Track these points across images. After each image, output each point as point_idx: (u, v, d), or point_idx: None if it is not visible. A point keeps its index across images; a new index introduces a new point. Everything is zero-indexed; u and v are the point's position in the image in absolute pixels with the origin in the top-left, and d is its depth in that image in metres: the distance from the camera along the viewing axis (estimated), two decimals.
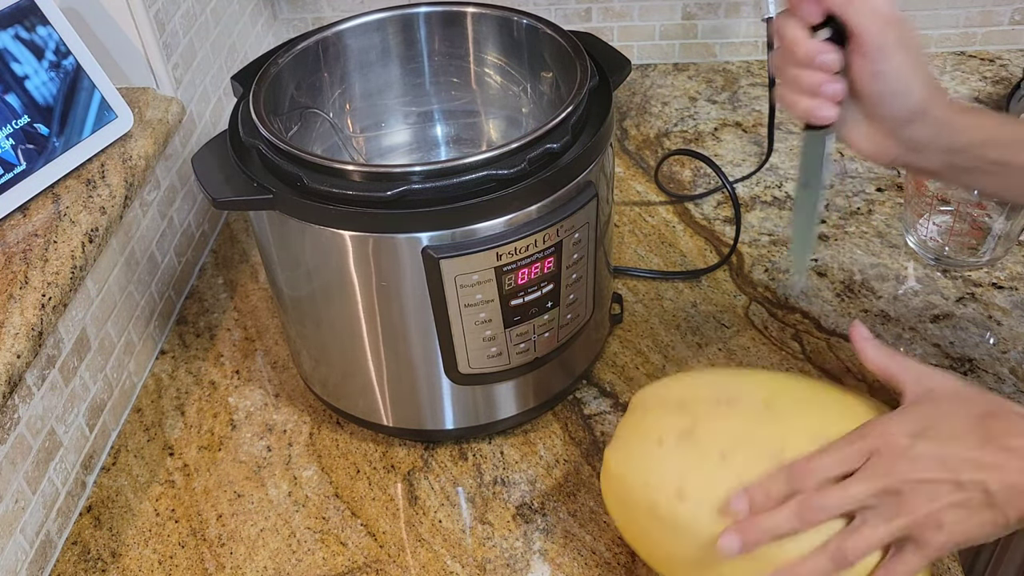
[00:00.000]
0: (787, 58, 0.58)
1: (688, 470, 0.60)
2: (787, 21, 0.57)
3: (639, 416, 0.66)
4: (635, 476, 0.63)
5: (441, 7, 0.85)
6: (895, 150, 0.59)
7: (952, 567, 0.70)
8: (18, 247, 0.76)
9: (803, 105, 0.58)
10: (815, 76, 0.57)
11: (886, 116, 0.58)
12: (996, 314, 0.89)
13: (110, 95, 0.86)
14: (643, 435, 0.64)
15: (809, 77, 0.57)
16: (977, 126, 0.59)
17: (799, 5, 0.56)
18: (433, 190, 0.66)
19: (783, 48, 0.58)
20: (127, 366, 0.89)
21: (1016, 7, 1.23)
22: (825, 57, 0.56)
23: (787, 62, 0.58)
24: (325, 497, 0.79)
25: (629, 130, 1.19)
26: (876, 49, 0.55)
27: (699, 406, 0.63)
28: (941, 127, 0.58)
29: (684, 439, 0.61)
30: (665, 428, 0.63)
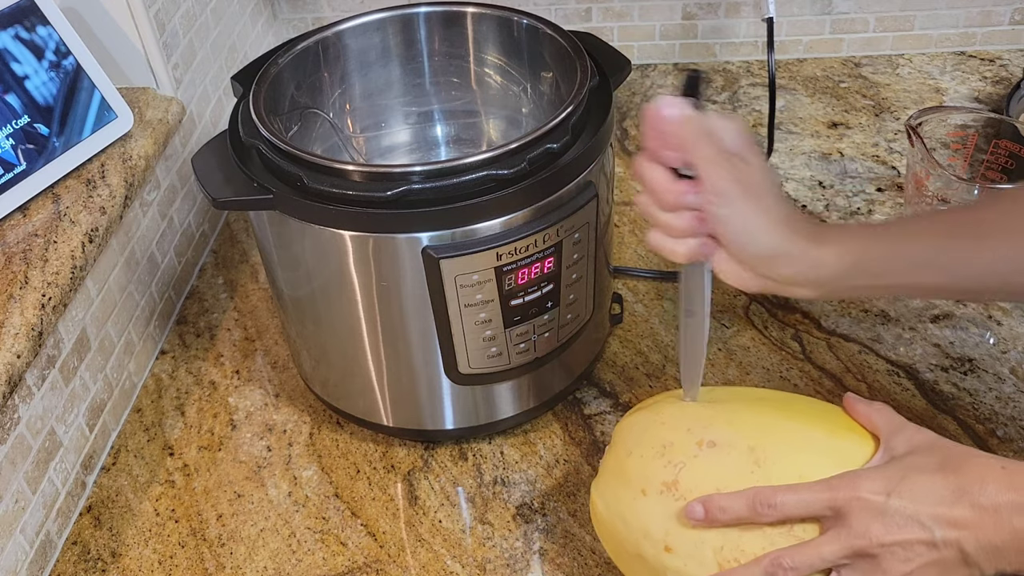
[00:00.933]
0: (657, 203, 0.58)
1: (672, 525, 0.60)
2: (650, 168, 0.58)
3: (622, 456, 0.64)
4: (621, 523, 0.63)
5: (441, 7, 0.85)
6: (759, 284, 0.59)
7: None
8: (18, 247, 0.76)
9: (682, 248, 0.59)
10: (686, 217, 0.57)
11: (740, 258, 0.58)
12: (996, 314, 0.89)
13: (110, 95, 0.87)
14: (626, 481, 0.63)
15: (680, 220, 0.58)
16: (841, 253, 0.58)
17: (658, 152, 0.57)
18: (433, 190, 0.66)
19: (651, 194, 0.58)
20: (127, 366, 0.89)
21: (1016, 7, 1.23)
22: (689, 198, 0.57)
23: (656, 207, 0.59)
24: (325, 497, 0.79)
25: (629, 130, 1.19)
26: (714, 192, 0.56)
27: (681, 452, 0.61)
28: (802, 264, 0.58)
29: (668, 491, 0.60)
30: (648, 477, 0.61)
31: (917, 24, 1.25)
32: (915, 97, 1.20)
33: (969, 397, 0.82)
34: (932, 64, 1.25)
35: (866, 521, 0.53)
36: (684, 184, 0.57)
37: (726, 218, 0.57)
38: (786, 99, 1.20)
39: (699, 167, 0.56)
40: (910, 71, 1.25)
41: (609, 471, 0.65)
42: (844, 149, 1.11)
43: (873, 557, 0.53)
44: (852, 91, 1.22)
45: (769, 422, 0.62)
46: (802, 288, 0.60)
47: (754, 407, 0.64)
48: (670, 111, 0.57)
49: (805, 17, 1.25)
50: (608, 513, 0.64)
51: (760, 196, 0.57)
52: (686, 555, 0.59)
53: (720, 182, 0.56)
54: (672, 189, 0.57)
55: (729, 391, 0.68)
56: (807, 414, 0.63)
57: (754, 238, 0.57)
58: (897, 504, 0.53)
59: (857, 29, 1.26)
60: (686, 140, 0.56)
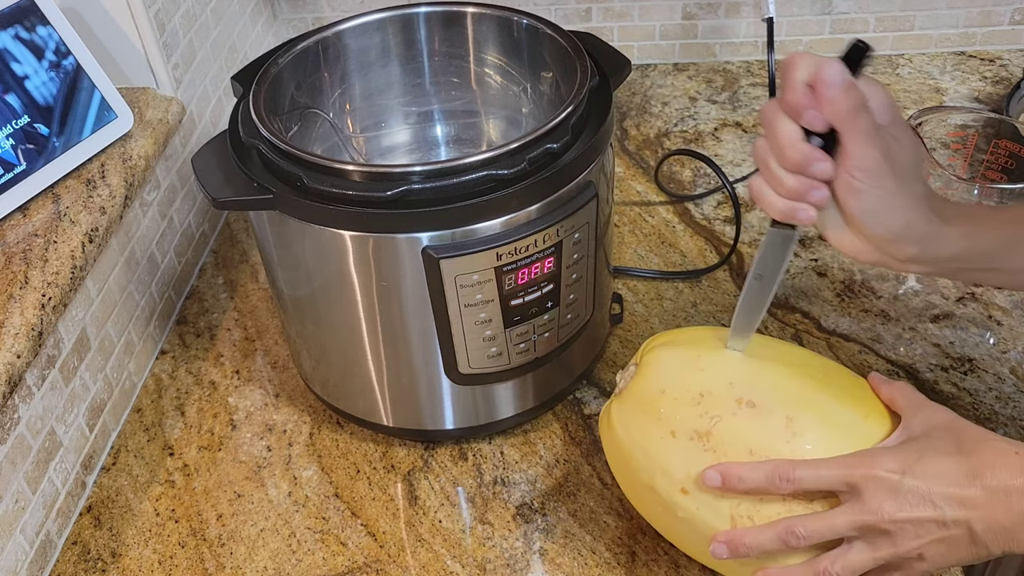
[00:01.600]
0: (776, 157, 0.55)
1: (695, 472, 0.60)
2: (782, 120, 0.54)
3: (655, 391, 0.63)
4: (641, 454, 0.63)
5: (441, 7, 0.85)
6: (873, 256, 0.58)
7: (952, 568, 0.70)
8: (18, 247, 0.76)
9: (782, 206, 0.56)
10: (802, 182, 0.55)
11: (867, 233, 0.57)
12: (996, 314, 0.89)
13: (110, 95, 0.86)
14: (656, 417, 0.63)
15: (795, 182, 0.55)
16: (964, 235, 0.58)
17: (801, 111, 0.53)
18: (433, 190, 0.66)
19: (774, 146, 0.55)
20: (127, 366, 0.89)
21: (1016, 7, 1.23)
22: (820, 166, 0.54)
23: (775, 160, 0.56)
24: (325, 497, 0.79)
25: (629, 130, 1.19)
26: (859, 168, 0.54)
27: (720, 405, 0.61)
28: (925, 243, 0.57)
29: (699, 440, 0.61)
30: (681, 421, 0.62)
31: (917, 24, 1.25)
32: (915, 97, 1.20)
33: (969, 397, 0.82)
34: (932, 64, 1.25)
35: (880, 498, 0.54)
36: (816, 150, 0.54)
37: (865, 196, 0.54)
38: None
39: (851, 140, 0.53)
40: (910, 71, 1.25)
41: (636, 400, 0.65)
42: None
43: (885, 532, 0.55)
44: None
45: (809, 394, 0.62)
46: (919, 266, 0.59)
47: (795, 373, 0.64)
48: (836, 76, 0.52)
49: (805, 17, 1.25)
50: (628, 441, 0.64)
51: (904, 175, 0.55)
52: (701, 501, 0.60)
53: (869, 160, 0.53)
54: (802, 150, 0.54)
55: (769, 346, 0.67)
56: (843, 388, 0.64)
57: (888, 218, 0.55)
58: (911, 483, 0.54)
59: (857, 29, 1.26)
60: (843, 110, 0.52)
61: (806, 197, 0.55)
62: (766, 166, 0.56)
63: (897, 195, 0.55)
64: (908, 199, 0.55)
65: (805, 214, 0.55)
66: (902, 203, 0.55)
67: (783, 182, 0.55)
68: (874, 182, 0.54)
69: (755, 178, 0.57)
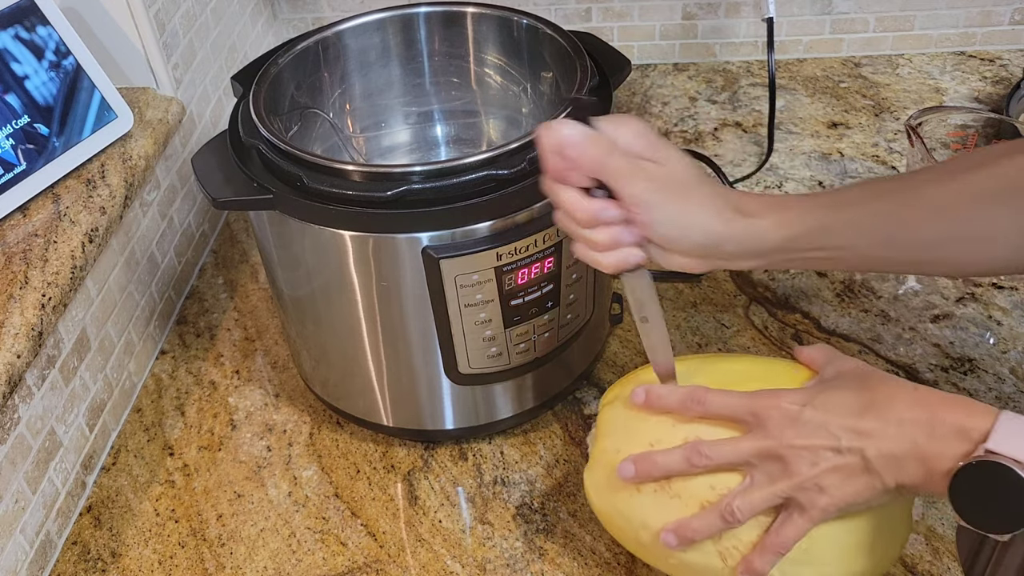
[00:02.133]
0: (573, 222, 0.58)
1: (669, 519, 0.61)
2: (559, 189, 0.58)
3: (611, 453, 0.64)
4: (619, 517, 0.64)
5: (441, 7, 0.85)
6: (704, 265, 0.60)
7: (952, 567, 0.70)
8: (18, 247, 0.76)
9: (610, 260, 0.59)
10: (608, 232, 0.58)
11: (680, 251, 0.59)
12: (996, 314, 0.89)
13: (110, 95, 0.87)
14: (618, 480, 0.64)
15: (603, 234, 0.58)
16: (781, 224, 0.59)
17: (565, 175, 0.57)
18: (433, 190, 0.66)
19: (565, 214, 0.58)
20: (127, 366, 0.89)
21: (1016, 7, 1.23)
22: (607, 213, 0.57)
23: (574, 226, 0.59)
24: (325, 497, 0.79)
25: None
26: (633, 204, 0.56)
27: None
28: (743, 240, 0.59)
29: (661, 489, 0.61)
30: None
31: (917, 24, 1.25)
32: (915, 97, 1.20)
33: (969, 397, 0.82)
34: (932, 64, 1.25)
35: (781, 426, 0.57)
36: (599, 201, 0.57)
37: (655, 223, 0.57)
38: (786, 99, 1.20)
39: (613, 183, 0.56)
40: (910, 71, 1.25)
41: (600, 465, 0.66)
42: (844, 149, 1.11)
43: (782, 459, 0.57)
44: (852, 91, 1.22)
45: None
46: (747, 261, 0.61)
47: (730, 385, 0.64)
48: (571, 136, 0.56)
49: (805, 17, 1.25)
50: (606, 507, 0.65)
51: (683, 192, 0.57)
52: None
53: (638, 192, 0.56)
54: (587, 208, 0.57)
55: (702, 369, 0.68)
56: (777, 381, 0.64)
57: (689, 233, 0.58)
58: (810, 414, 0.57)
59: (857, 29, 1.26)
60: (593, 160, 0.56)
61: (621, 241, 0.58)
62: (574, 233, 0.59)
63: (685, 213, 0.57)
64: (699, 212, 0.58)
65: (634, 258, 0.59)
66: (695, 218, 0.57)
67: (594, 239, 0.58)
68: (652, 210, 0.57)
69: (575, 247, 0.60)
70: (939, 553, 0.71)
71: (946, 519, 0.73)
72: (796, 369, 0.65)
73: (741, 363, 0.68)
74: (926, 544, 0.71)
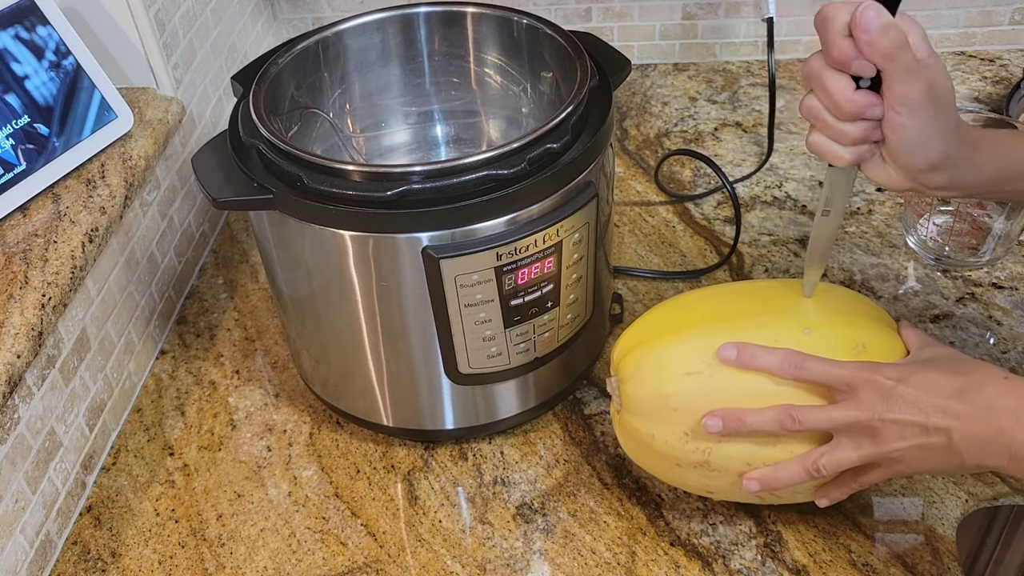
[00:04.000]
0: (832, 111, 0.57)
1: (712, 483, 0.68)
2: (830, 75, 0.56)
3: (645, 436, 0.68)
4: (660, 474, 0.70)
5: (441, 7, 0.85)
6: (906, 184, 0.60)
7: (952, 567, 0.70)
8: (18, 247, 0.76)
9: (850, 155, 0.59)
10: (862, 128, 0.57)
11: (905, 164, 0.58)
12: (996, 314, 0.89)
13: (110, 95, 0.86)
14: (658, 456, 0.68)
15: (857, 129, 0.57)
16: (995, 159, 0.61)
17: (850, 63, 0.55)
18: (433, 190, 0.66)
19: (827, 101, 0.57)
20: (127, 366, 0.89)
21: (1016, 7, 1.23)
22: (875, 110, 0.56)
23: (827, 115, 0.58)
24: (325, 497, 0.79)
25: (629, 130, 1.19)
26: (904, 103, 0.55)
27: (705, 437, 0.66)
28: (960, 170, 0.59)
29: (701, 467, 0.66)
30: (679, 458, 0.67)
31: None
32: None
33: None
34: None
35: (874, 399, 0.60)
36: (868, 94, 0.56)
37: (907, 129, 0.56)
38: (786, 99, 1.20)
39: (896, 78, 0.55)
40: None
41: (633, 439, 0.69)
42: None
43: (872, 430, 0.60)
44: None
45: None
46: (951, 192, 0.61)
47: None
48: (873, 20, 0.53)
49: (805, 17, 1.25)
50: (643, 463, 0.71)
51: (941, 106, 0.57)
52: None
53: (913, 94, 0.55)
54: (856, 99, 0.56)
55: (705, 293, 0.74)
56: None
57: (927, 149, 0.57)
58: (903, 390, 0.59)
59: None
60: (885, 50, 0.54)
61: (869, 138, 0.58)
62: (823, 122, 0.58)
63: (935, 126, 0.57)
64: (944, 129, 0.57)
65: (870, 153, 0.59)
66: (939, 134, 0.57)
67: (846, 132, 0.57)
68: (916, 115, 0.56)
69: (813, 135, 0.60)
70: (939, 553, 0.71)
71: (946, 519, 0.73)
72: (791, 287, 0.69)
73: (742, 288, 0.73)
74: (926, 544, 0.71)
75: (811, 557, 0.71)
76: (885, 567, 0.70)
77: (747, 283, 0.77)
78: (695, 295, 0.74)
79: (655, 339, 0.69)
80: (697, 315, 0.70)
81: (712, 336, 0.65)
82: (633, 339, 0.71)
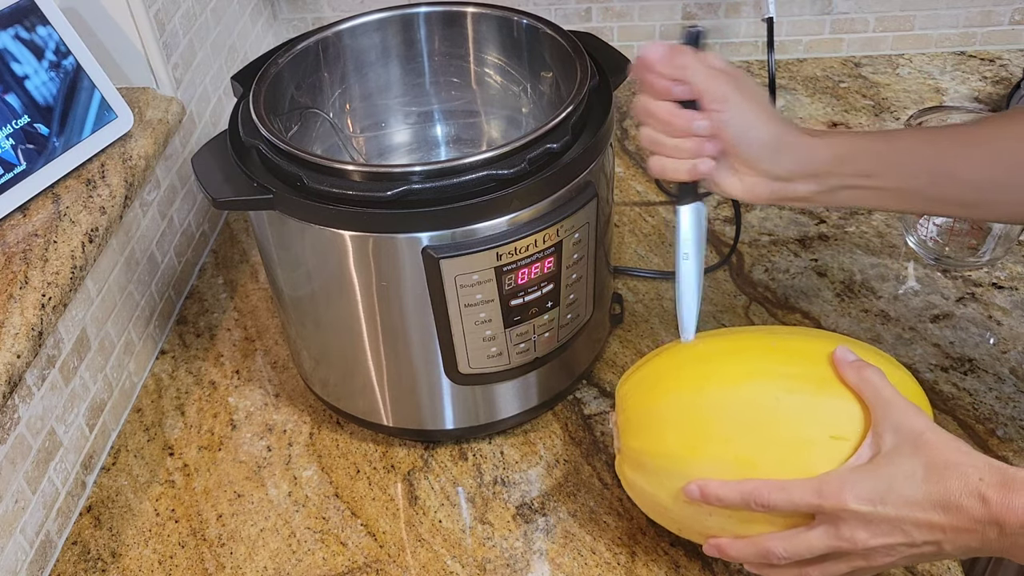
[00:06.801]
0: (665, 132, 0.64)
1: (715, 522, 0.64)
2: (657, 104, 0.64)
3: (641, 483, 0.66)
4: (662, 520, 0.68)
5: (441, 7, 0.85)
6: (765, 188, 0.65)
7: (952, 567, 0.70)
8: (18, 247, 0.76)
9: (687, 168, 0.64)
10: (694, 141, 0.64)
11: (746, 157, 0.64)
12: (996, 314, 0.89)
13: (110, 95, 0.86)
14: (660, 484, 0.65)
15: (690, 142, 0.64)
16: (832, 144, 0.65)
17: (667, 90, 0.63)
18: (433, 190, 0.66)
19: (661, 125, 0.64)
20: (127, 366, 0.89)
21: (1016, 7, 1.23)
22: (699, 123, 0.63)
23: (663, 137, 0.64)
24: (325, 497, 0.79)
25: (629, 130, 1.19)
26: (715, 100, 0.62)
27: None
28: (799, 153, 0.64)
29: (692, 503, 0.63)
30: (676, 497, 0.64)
31: (917, 24, 1.25)
32: (915, 97, 1.20)
33: (969, 397, 0.82)
34: (932, 64, 1.25)
35: (853, 527, 0.57)
36: (692, 111, 0.63)
37: (731, 120, 0.63)
38: (786, 99, 1.20)
39: (699, 81, 0.62)
40: (910, 71, 1.25)
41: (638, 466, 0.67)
42: None
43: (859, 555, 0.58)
44: (852, 91, 1.22)
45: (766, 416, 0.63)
46: (803, 183, 0.65)
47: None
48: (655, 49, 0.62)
49: (805, 17, 1.25)
50: (643, 504, 0.69)
51: (757, 98, 0.64)
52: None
53: (721, 89, 0.62)
54: (682, 115, 0.63)
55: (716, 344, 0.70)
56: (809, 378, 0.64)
57: (757, 130, 0.63)
58: (882, 512, 0.56)
59: (857, 29, 1.26)
60: (682, 65, 0.62)
61: (703, 151, 0.64)
62: (660, 144, 0.65)
63: (757, 112, 0.63)
64: (768, 115, 0.64)
65: (705, 165, 0.64)
66: (764, 117, 0.64)
67: (680, 147, 0.64)
68: (732, 107, 0.62)
69: (652, 159, 0.66)
70: None
71: None
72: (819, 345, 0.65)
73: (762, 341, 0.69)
74: None
75: None
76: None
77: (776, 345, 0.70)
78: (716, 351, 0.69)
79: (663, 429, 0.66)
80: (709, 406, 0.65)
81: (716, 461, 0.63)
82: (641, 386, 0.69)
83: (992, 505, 0.53)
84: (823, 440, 0.60)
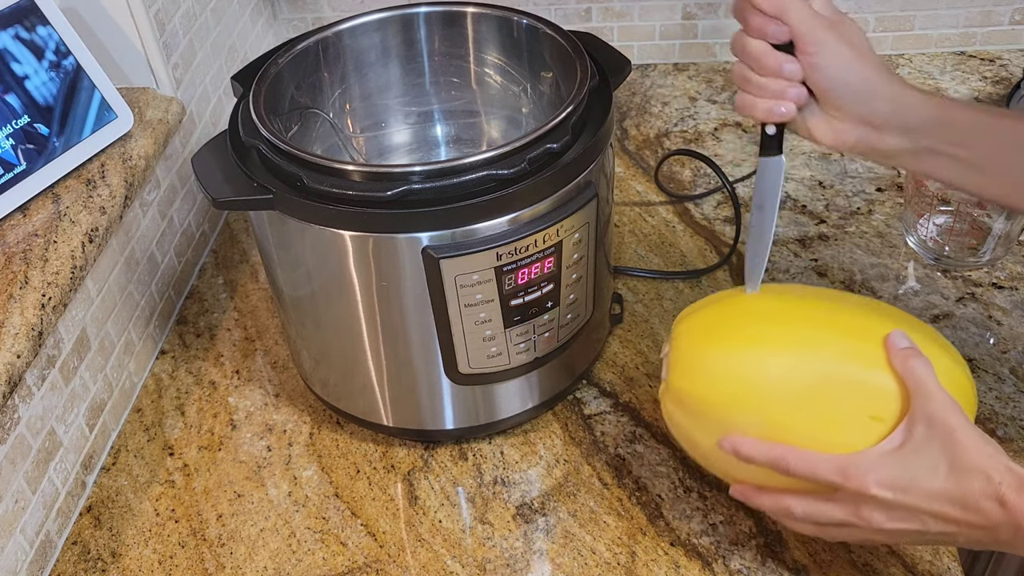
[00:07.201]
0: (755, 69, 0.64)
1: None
2: (751, 42, 0.63)
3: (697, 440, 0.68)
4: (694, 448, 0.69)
5: (441, 7, 0.85)
6: (854, 134, 0.63)
7: (952, 567, 0.70)
8: (18, 247, 0.76)
9: (764, 106, 0.64)
10: (779, 83, 0.63)
11: (840, 102, 0.63)
12: (996, 314, 0.89)
13: (110, 95, 0.86)
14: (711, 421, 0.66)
15: (775, 83, 0.63)
16: (935, 104, 0.63)
17: (764, 28, 0.62)
18: (433, 190, 0.66)
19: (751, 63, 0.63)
20: (127, 366, 0.89)
21: (1016, 7, 1.23)
22: (789, 66, 0.62)
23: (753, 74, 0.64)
24: (325, 497, 0.79)
25: (629, 130, 1.19)
26: (813, 44, 0.61)
27: None
28: (898, 103, 0.62)
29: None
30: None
31: (917, 24, 1.25)
32: None
33: None
34: (932, 64, 1.25)
35: (871, 510, 0.59)
36: (785, 55, 0.62)
37: (825, 64, 0.61)
38: None
39: (796, 23, 0.61)
40: (910, 71, 1.25)
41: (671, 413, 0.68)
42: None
43: (872, 533, 0.61)
44: None
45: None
46: (894, 136, 0.63)
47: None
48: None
49: None
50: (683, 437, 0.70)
51: (857, 45, 0.62)
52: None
53: (817, 33, 0.61)
54: (772, 55, 0.62)
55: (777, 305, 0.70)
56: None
57: (854, 75, 0.62)
58: (902, 500, 0.58)
59: None
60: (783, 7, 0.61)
61: (785, 95, 0.63)
62: (747, 81, 0.64)
63: (853, 58, 0.62)
64: (865, 61, 0.62)
65: (785, 108, 0.63)
66: (861, 63, 0.62)
67: (765, 88, 0.63)
68: (828, 51, 0.61)
69: (739, 95, 0.65)
70: (939, 553, 0.71)
71: None
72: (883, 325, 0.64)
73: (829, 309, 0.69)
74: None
75: (811, 557, 0.71)
76: (885, 567, 0.70)
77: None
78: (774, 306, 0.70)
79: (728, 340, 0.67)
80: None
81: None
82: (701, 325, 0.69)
83: (1010, 508, 0.55)
84: (862, 419, 0.61)
